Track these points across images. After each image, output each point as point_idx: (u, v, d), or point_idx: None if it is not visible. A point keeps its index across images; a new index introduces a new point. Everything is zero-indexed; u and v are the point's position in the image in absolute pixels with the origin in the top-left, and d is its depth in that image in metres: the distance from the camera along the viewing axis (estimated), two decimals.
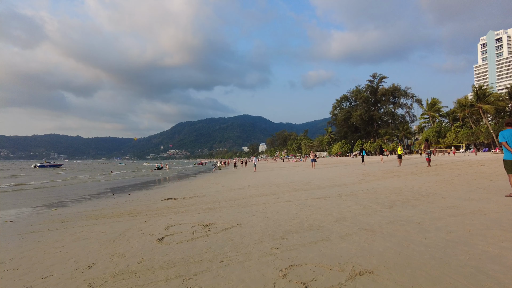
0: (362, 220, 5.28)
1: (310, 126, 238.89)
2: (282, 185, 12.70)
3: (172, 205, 8.92)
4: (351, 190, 9.42)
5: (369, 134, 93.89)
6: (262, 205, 7.60)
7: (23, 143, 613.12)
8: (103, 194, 15.04)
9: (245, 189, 12.23)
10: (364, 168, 19.67)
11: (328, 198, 7.99)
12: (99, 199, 12.71)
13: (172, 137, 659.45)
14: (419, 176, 12.14)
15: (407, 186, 9.33)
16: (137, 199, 11.54)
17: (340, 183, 11.84)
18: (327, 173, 18.26)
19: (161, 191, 14.59)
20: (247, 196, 9.64)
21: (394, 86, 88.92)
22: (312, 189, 10.42)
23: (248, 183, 15.22)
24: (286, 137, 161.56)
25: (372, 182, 11.26)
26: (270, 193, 10.10)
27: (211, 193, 11.45)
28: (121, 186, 20.44)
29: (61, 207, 10.66)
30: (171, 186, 17.96)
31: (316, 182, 12.93)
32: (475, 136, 61.11)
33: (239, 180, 18.13)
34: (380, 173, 15.18)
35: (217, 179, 20.73)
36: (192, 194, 11.58)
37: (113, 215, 7.89)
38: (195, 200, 9.68)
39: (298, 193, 9.47)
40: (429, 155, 17.57)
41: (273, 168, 33.94)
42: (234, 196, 9.93)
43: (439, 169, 14.97)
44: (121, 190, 16.93)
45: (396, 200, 7.07)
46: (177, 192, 13.40)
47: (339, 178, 13.82)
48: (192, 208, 8.08)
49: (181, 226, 5.75)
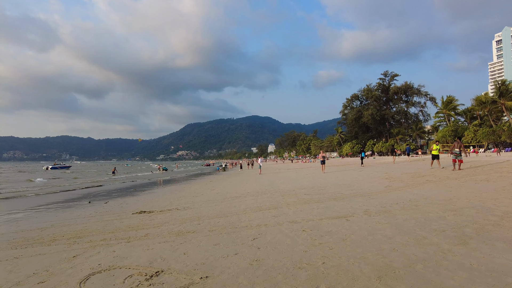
0: (430, 278, 2.83)
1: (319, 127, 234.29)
2: (288, 193, 10.26)
3: (137, 224, 6.60)
4: (380, 203, 6.92)
5: (381, 134, 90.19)
6: (256, 229, 5.20)
7: (36, 144, 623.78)
8: (78, 202, 12.85)
9: (242, 198, 9.84)
10: (384, 171, 17.01)
11: (352, 218, 5.52)
12: (65, 210, 10.49)
13: (181, 138, 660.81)
14: (461, 182, 9.51)
15: (460, 198, 6.76)
16: (107, 211, 9.27)
17: (361, 191, 9.32)
18: (341, 176, 15.71)
19: (143, 199, 12.31)
20: (239, 211, 7.23)
21: (406, 84, 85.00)
22: (327, 200, 7.95)
23: (248, 189, 12.83)
24: (295, 137, 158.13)
25: (403, 190, 8.72)
26: (270, 206, 7.67)
27: (198, 204, 9.09)
28: (108, 190, 18.27)
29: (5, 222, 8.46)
30: (160, 192, 15.66)
31: (330, 189, 10.43)
32: (496, 135, 57.24)
33: (239, 184, 15.75)
34: (407, 177, 12.56)
35: (216, 183, 18.39)
36: (174, 206, 9.25)
37: (48, 240, 5.62)
38: (170, 216, 7.34)
39: (308, 207, 7.02)
40: (457, 156, 13.89)
41: (280, 170, 31.42)
42: (223, 210, 7.54)
43: (479, 172, 12.25)
44: (102, 197, 14.73)
45: (461, 225, 4.56)
46: (161, 200, 11.10)
47: (359, 184, 11.28)
48: (157, 231, 5.73)
49: (109, 278, 3.39)
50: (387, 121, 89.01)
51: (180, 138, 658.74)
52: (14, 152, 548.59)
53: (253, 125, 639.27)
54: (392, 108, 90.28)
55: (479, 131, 60.24)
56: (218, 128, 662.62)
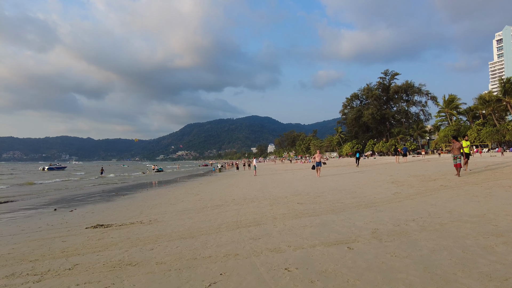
0: None
1: (319, 127, 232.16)
2: (278, 200, 8.72)
3: (78, 246, 5.07)
4: (391, 218, 5.39)
5: (381, 133, 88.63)
6: (220, 264, 3.67)
7: (36, 145, 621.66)
8: (43, 209, 11.29)
9: (224, 207, 8.31)
10: (389, 173, 15.47)
11: (357, 245, 3.99)
12: (25, 219, 8.92)
13: (181, 138, 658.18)
14: (485, 189, 7.95)
15: (497, 214, 5.19)
16: (61, 223, 7.72)
17: (365, 199, 7.78)
18: (341, 180, 14.17)
19: (113, 207, 10.74)
20: (211, 229, 5.69)
21: (407, 83, 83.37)
22: (323, 212, 6.42)
23: (235, 194, 11.30)
24: (295, 137, 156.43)
25: (417, 199, 7.18)
26: (253, 221, 6.13)
27: (168, 216, 7.56)
28: (87, 194, 16.70)
29: None
30: (139, 197, 14.03)
31: (328, 196, 8.89)
32: (500, 134, 55.72)
33: (228, 188, 14.22)
34: (415, 180, 11.02)
35: (204, 186, 16.85)
36: (141, 217, 7.71)
37: None
38: (126, 233, 5.81)
39: (299, 224, 5.49)
40: (457, 159, 11.25)
41: (277, 171, 29.88)
42: (193, 227, 6.01)
43: (499, 175, 10.68)
44: (77, 202, 13.18)
45: None
46: (132, 209, 9.56)
47: (361, 190, 9.74)
48: (93, 259, 4.20)
49: None
50: (387, 121, 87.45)
51: (180, 138, 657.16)
52: (13, 153, 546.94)
53: (253, 125, 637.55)
54: (393, 108, 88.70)
55: (482, 130, 58.76)
56: (217, 128, 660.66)
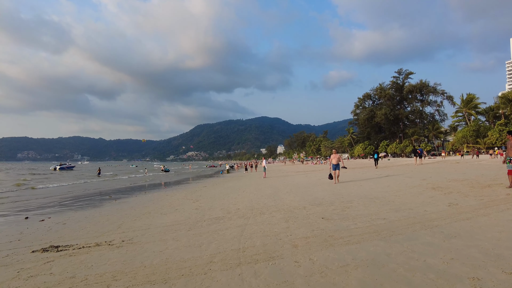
0: None
1: (329, 128, 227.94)
2: (295, 212, 6.75)
3: None
4: (482, 252, 3.38)
5: (394, 134, 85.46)
6: None
7: (49, 145, 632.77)
8: (15, 217, 9.59)
9: (225, 221, 6.40)
10: (420, 177, 13.28)
11: None
12: None
13: (191, 139, 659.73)
14: None
15: None
16: (12, 241, 5.93)
17: (414, 213, 5.75)
18: (366, 184, 12.07)
19: (92, 216, 8.86)
20: (201, 263, 3.76)
21: (422, 82, 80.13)
22: (365, 237, 4.42)
23: (241, 202, 9.38)
24: (305, 138, 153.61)
25: (494, 216, 5.14)
26: (262, 250, 4.18)
27: (150, 233, 5.68)
28: (76, 197, 14.96)
29: None
30: (131, 202, 12.14)
31: (360, 207, 6.88)
32: None
33: (233, 193, 12.29)
34: (462, 186, 8.90)
35: (207, 190, 14.96)
36: (113, 235, 5.84)
37: None
38: (75, 265, 3.94)
39: (334, 259, 3.52)
40: None
41: (288, 173, 27.80)
42: (173, 258, 4.10)
43: None
44: (61, 207, 11.46)
45: None
46: (112, 220, 7.71)
47: (400, 198, 7.69)
48: None
49: None
50: (401, 121, 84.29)
51: (190, 139, 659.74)
52: (28, 153, 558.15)
53: (262, 126, 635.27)
54: (407, 108, 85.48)
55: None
56: (227, 129, 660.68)
